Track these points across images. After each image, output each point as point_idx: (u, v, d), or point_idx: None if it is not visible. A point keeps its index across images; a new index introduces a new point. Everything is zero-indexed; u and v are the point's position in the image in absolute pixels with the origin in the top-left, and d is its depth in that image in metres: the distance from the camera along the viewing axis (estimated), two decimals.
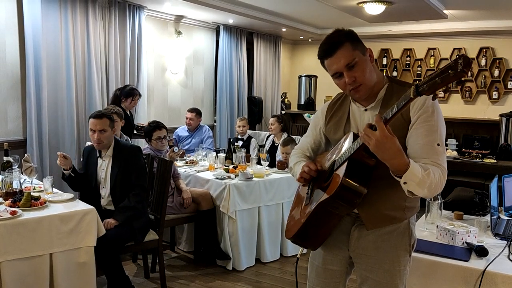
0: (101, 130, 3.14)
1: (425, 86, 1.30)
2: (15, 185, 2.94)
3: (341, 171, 1.60)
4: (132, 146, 3.35)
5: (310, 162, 1.80)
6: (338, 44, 1.61)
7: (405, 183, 1.50)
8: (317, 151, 1.96)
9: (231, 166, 4.23)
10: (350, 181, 1.55)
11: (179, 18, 6.28)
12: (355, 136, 1.62)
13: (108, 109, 4.08)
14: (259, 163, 4.38)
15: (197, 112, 5.46)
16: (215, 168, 4.32)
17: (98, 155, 3.31)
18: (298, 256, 1.90)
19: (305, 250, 1.88)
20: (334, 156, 1.71)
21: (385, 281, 1.74)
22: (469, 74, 7.26)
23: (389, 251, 1.74)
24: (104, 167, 3.28)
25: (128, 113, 4.86)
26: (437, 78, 1.26)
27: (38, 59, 4.45)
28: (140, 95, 4.92)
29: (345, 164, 1.58)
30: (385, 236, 1.73)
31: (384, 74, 1.77)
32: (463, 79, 1.23)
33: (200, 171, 4.29)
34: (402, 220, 1.74)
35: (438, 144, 1.59)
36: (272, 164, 4.49)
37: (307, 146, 1.98)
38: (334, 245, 1.84)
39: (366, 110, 1.73)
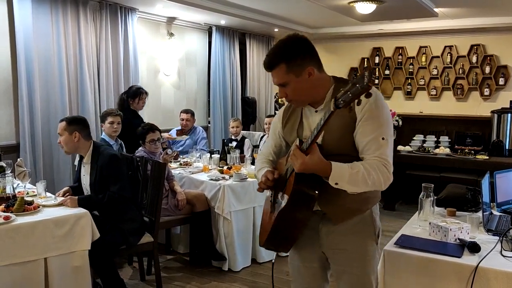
0: (58, 133, 3.13)
1: (340, 100, 1.42)
2: (8, 190, 2.93)
3: (292, 179, 1.69)
4: (108, 154, 3.14)
5: (268, 171, 1.86)
6: (274, 64, 1.72)
7: (336, 183, 1.62)
8: (279, 154, 2.03)
9: (225, 167, 4.24)
10: (300, 187, 1.65)
11: (171, 20, 6.27)
12: (301, 143, 1.73)
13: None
14: (253, 163, 4.38)
15: (192, 113, 5.49)
16: (210, 169, 4.33)
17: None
18: (273, 261, 1.99)
19: (282, 254, 1.97)
20: (288, 162, 1.80)
21: (359, 272, 1.84)
22: (460, 71, 7.30)
23: (357, 242, 1.84)
24: (84, 173, 3.26)
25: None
26: (348, 93, 1.39)
27: (30, 63, 4.43)
28: (147, 93, 4.93)
29: (294, 172, 1.68)
30: (352, 228, 1.83)
31: (330, 75, 1.82)
32: (370, 91, 1.36)
33: (195, 172, 4.29)
34: (365, 210, 1.85)
35: (383, 138, 1.67)
36: None
37: (270, 150, 2.05)
38: (308, 243, 1.92)
39: (316, 111, 1.81)
